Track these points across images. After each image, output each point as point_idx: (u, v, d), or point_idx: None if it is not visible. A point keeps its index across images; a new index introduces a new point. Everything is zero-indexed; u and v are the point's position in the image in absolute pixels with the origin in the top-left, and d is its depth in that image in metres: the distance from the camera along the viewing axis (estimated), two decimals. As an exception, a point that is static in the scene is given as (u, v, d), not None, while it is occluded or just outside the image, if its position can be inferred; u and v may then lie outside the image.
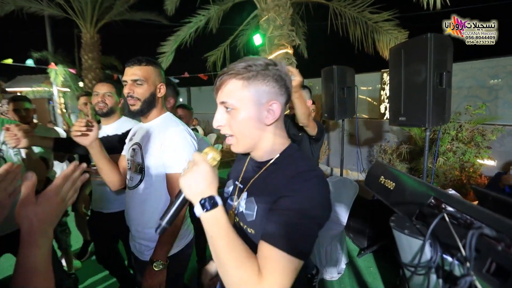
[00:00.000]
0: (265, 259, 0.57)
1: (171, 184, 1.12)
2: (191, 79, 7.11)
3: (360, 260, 2.79)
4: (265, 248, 0.59)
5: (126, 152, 1.31)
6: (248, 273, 0.55)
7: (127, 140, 1.34)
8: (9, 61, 6.78)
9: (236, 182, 0.81)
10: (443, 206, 0.76)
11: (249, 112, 0.67)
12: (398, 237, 0.78)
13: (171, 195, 1.13)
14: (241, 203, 0.74)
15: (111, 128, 1.69)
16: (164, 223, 0.64)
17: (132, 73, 1.15)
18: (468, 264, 0.58)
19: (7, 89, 12.27)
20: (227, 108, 0.68)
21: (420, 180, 0.90)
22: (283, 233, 0.59)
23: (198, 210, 0.60)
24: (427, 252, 0.69)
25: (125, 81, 1.17)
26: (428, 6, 2.95)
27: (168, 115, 1.25)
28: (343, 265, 2.61)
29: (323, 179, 0.66)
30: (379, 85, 5.37)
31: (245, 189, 0.76)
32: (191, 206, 0.64)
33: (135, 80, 1.14)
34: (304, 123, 1.77)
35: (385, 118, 5.16)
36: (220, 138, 7.86)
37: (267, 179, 0.71)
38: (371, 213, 2.92)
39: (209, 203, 0.59)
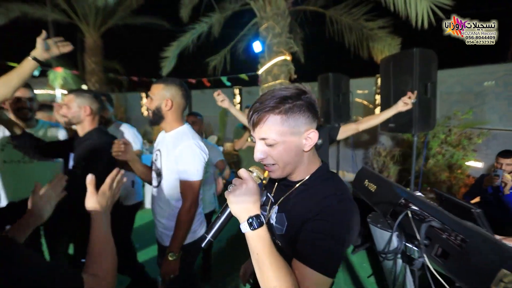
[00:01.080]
0: (302, 277, 0.62)
1: (182, 188, 1.34)
2: (193, 83, 7.28)
3: (354, 256, 2.98)
4: (300, 267, 0.63)
5: (153, 154, 1.55)
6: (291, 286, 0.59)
7: (155, 145, 1.58)
8: (15, 65, 6.94)
9: (269, 194, 0.88)
10: (410, 205, 0.95)
11: (290, 144, 0.70)
12: (373, 230, 0.97)
13: (182, 197, 1.35)
14: (272, 216, 0.81)
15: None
16: (209, 236, 0.68)
17: (151, 89, 1.40)
18: (420, 249, 0.77)
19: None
20: (267, 143, 0.71)
21: (395, 184, 1.09)
22: (315, 253, 0.63)
23: (245, 228, 0.63)
24: (395, 242, 0.88)
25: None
26: (417, 22, 3.11)
27: (184, 128, 1.44)
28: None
29: (349, 202, 0.70)
30: (374, 89, 5.57)
31: (276, 204, 0.81)
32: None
33: (149, 96, 1.40)
34: None
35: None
36: (221, 140, 8.04)
37: (297, 198, 0.76)
38: (364, 213, 3.11)
39: (256, 222, 0.62)
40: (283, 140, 0.69)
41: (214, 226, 0.69)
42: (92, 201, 0.81)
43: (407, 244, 0.86)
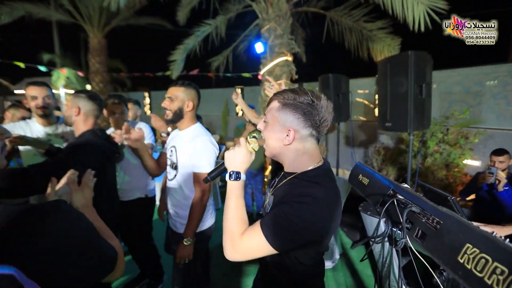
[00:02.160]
0: (251, 230, 0.79)
1: (196, 180, 1.48)
2: (195, 82, 7.38)
3: (353, 251, 3.08)
4: (255, 225, 0.80)
5: (167, 151, 1.68)
6: (237, 229, 0.79)
7: (168, 142, 1.70)
8: (21, 64, 7.07)
9: (276, 178, 1.01)
10: (397, 195, 1.06)
11: (274, 130, 0.86)
12: (364, 217, 1.08)
13: (195, 188, 1.49)
14: (268, 200, 0.96)
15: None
16: (209, 177, 0.93)
17: (169, 92, 1.51)
18: (403, 231, 0.88)
19: (15, 91, 12.61)
20: (264, 119, 0.90)
21: (385, 177, 1.20)
22: (271, 224, 0.77)
23: (227, 177, 0.86)
24: (382, 227, 0.99)
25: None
26: (413, 26, 3.19)
27: (197, 126, 1.59)
28: (337, 255, 2.89)
29: (323, 207, 0.77)
30: (374, 89, 5.66)
31: (272, 191, 0.96)
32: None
33: (168, 97, 1.50)
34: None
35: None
36: (223, 140, 8.16)
37: (285, 186, 0.89)
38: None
39: (235, 176, 0.85)
40: (272, 124, 0.86)
41: (214, 171, 0.94)
42: (79, 197, 0.90)
43: (393, 228, 0.97)
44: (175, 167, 1.55)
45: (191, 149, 1.48)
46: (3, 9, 7.21)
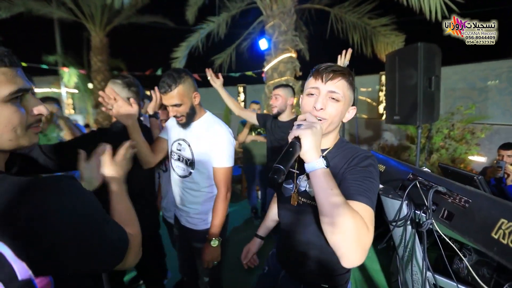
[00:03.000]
0: (365, 215, 0.67)
1: (217, 175, 1.35)
2: (198, 80, 7.38)
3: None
4: (356, 205, 0.69)
5: (170, 141, 1.50)
6: (362, 220, 0.64)
7: (174, 135, 1.50)
8: (22, 64, 7.08)
9: (291, 169, 0.94)
10: (418, 178, 1.04)
11: (343, 108, 0.82)
12: (384, 201, 1.06)
13: (218, 184, 1.37)
14: (302, 184, 0.89)
15: None
16: (282, 167, 0.67)
17: (169, 99, 1.29)
18: (428, 211, 0.86)
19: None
20: (333, 97, 0.80)
21: (402, 162, 1.18)
22: (366, 193, 0.72)
23: (319, 164, 0.68)
24: (404, 210, 0.97)
25: (166, 105, 1.34)
26: (430, 16, 3.20)
27: (208, 115, 1.43)
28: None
29: (373, 156, 0.83)
30: (378, 87, 5.65)
31: (304, 173, 0.88)
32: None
33: (174, 105, 1.30)
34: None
35: (383, 118, 5.44)
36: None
37: (334, 160, 0.85)
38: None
39: (327, 160, 0.70)
40: (344, 102, 0.81)
41: (285, 158, 0.69)
42: (110, 170, 0.86)
43: (416, 211, 0.95)
44: (190, 163, 1.40)
45: (208, 142, 1.34)
46: (1, 4, 7.10)
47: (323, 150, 0.87)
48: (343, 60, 1.67)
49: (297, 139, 0.70)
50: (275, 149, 2.26)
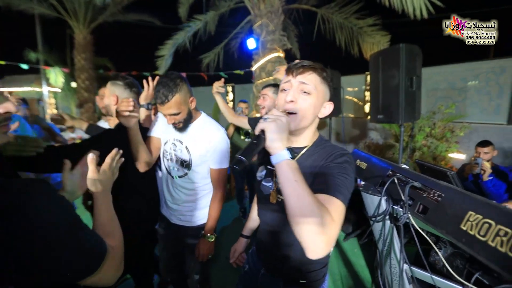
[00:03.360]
0: (332, 208, 0.66)
1: (215, 176, 1.40)
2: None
3: (345, 243, 3.13)
4: (326, 199, 0.69)
5: (162, 140, 1.49)
6: (327, 213, 0.63)
7: (169, 137, 1.47)
8: (1, 62, 6.79)
9: (269, 167, 0.96)
10: (396, 174, 1.08)
11: (316, 102, 0.81)
12: (364, 197, 1.09)
13: (214, 184, 1.42)
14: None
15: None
16: (245, 159, 0.66)
17: (167, 109, 1.27)
18: (405, 206, 0.89)
19: (-5, 89, 12.03)
20: (304, 89, 0.80)
21: (383, 160, 1.22)
22: (339, 188, 0.72)
23: (284, 156, 0.66)
24: (383, 205, 1.01)
25: (164, 114, 1.32)
26: (415, 16, 3.29)
27: (204, 116, 1.45)
28: (331, 248, 2.93)
29: (350, 154, 0.83)
30: (364, 87, 5.77)
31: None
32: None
33: (172, 114, 1.29)
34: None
35: (369, 117, 5.56)
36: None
37: (303, 159, 0.86)
38: (355, 202, 3.27)
39: (292, 152, 0.68)
40: (316, 95, 0.81)
41: (248, 150, 0.69)
42: (94, 181, 0.80)
43: (394, 206, 0.99)
44: (186, 165, 1.41)
45: (205, 144, 1.36)
46: None
47: (301, 148, 0.87)
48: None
49: (263, 132, 0.70)
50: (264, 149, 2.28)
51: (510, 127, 3.87)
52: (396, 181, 0.98)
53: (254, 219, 1.23)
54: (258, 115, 4.68)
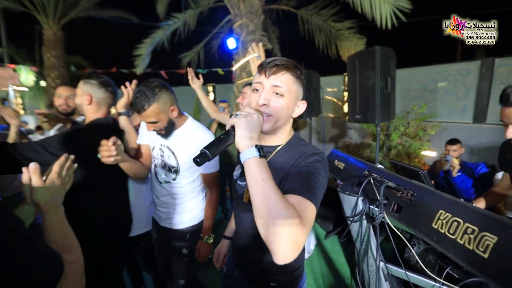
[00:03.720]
0: (302, 208, 0.63)
1: (207, 180, 1.44)
2: (166, 79, 7.11)
3: (326, 241, 3.19)
4: (295, 199, 0.65)
5: (151, 146, 1.48)
6: (296, 214, 0.59)
7: (157, 142, 1.46)
8: None
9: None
10: (372, 174, 1.10)
11: (289, 102, 0.80)
12: (342, 197, 1.10)
13: (208, 188, 1.46)
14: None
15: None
16: (209, 153, 0.65)
17: (145, 118, 1.26)
18: (380, 207, 0.91)
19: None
20: (277, 91, 0.78)
21: (359, 160, 1.25)
22: (309, 189, 0.69)
23: (252, 153, 0.64)
24: (360, 205, 1.02)
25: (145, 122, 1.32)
26: (381, 23, 3.40)
27: (190, 121, 1.44)
28: (312, 246, 2.97)
29: (323, 154, 0.81)
30: (343, 87, 5.92)
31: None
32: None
33: (151, 122, 1.28)
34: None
35: (347, 117, 5.71)
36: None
37: (276, 157, 0.85)
38: (335, 201, 3.35)
39: (261, 150, 0.66)
40: (289, 96, 0.79)
41: (214, 144, 0.67)
42: (40, 192, 0.73)
43: (370, 206, 1.01)
44: (174, 171, 1.41)
45: (193, 149, 1.35)
46: None
47: (275, 147, 0.86)
48: (257, 53, 1.65)
49: (233, 128, 0.68)
50: None
51: (475, 125, 4.13)
52: (372, 181, 1.00)
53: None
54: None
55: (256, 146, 0.65)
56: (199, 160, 0.64)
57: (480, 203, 1.28)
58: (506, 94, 1.08)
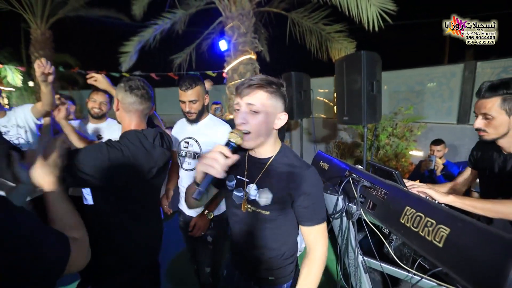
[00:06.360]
0: (317, 233, 0.94)
1: None
2: (157, 80, 7.09)
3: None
4: (313, 228, 0.93)
5: (176, 145, 1.70)
6: (321, 261, 0.98)
7: (180, 135, 1.71)
8: None
9: (239, 177, 1.00)
10: (352, 175, 1.18)
11: (267, 117, 0.89)
12: (325, 196, 1.17)
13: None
14: (252, 193, 0.95)
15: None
16: (201, 188, 0.77)
17: (189, 96, 1.55)
18: (357, 204, 0.99)
19: None
20: (252, 109, 0.87)
21: (341, 161, 1.32)
22: (317, 215, 0.92)
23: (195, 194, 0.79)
24: (340, 203, 1.10)
25: (183, 101, 1.57)
26: (368, 25, 3.50)
27: (211, 116, 1.70)
28: (303, 245, 3.05)
29: (311, 166, 0.94)
30: (333, 88, 6.04)
31: (254, 182, 0.95)
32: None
33: (191, 101, 1.56)
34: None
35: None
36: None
37: (275, 173, 0.93)
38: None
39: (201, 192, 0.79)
40: (265, 112, 0.87)
41: (204, 181, 0.79)
42: (42, 173, 0.79)
43: (349, 204, 1.08)
44: (198, 156, 1.62)
45: (214, 137, 1.57)
46: None
47: (267, 159, 0.95)
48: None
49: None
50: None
51: (459, 126, 4.30)
52: (351, 181, 1.08)
53: None
54: (231, 116, 4.70)
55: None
56: (194, 196, 0.78)
57: (442, 188, 1.55)
58: (479, 88, 1.19)
